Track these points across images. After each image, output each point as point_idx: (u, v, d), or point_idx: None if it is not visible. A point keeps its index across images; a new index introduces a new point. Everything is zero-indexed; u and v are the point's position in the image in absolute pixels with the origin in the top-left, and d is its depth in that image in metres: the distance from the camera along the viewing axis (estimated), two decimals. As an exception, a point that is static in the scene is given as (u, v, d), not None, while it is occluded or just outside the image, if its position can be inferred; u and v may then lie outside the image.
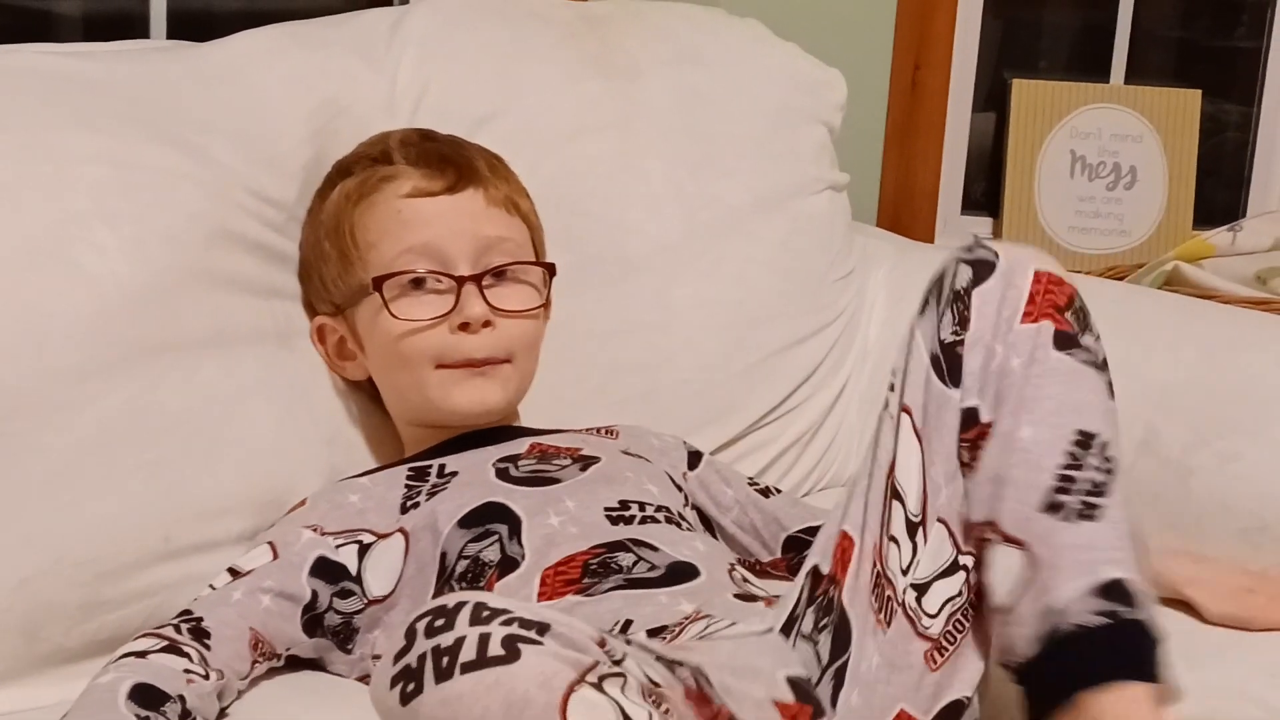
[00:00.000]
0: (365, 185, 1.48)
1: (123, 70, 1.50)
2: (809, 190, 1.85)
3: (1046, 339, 1.12)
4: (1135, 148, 2.75)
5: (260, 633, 1.28)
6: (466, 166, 1.49)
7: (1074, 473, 1.10)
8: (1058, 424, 1.11)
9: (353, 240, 1.46)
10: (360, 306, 1.46)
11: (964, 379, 1.13)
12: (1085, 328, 1.15)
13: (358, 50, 1.64)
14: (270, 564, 1.32)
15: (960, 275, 1.15)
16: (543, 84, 1.73)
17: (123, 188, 1.39)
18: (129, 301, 1.36)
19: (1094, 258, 2.71)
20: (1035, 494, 1.10)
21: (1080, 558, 1.09)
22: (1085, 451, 1.11)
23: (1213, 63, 2.92)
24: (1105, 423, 1.13)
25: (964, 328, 1.13)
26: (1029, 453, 1.11)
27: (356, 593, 1.33)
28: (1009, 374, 1.12)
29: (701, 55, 1.86)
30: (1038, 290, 1.14)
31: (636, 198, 1.73)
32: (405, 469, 1.42)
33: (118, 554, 1.31)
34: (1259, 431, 1.54)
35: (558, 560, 1.28)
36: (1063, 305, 1.14)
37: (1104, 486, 1.11)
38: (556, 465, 1.40)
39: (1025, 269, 1.14)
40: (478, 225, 1.47)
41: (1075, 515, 1.10)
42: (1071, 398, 1.12)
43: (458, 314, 1.43)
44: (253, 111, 1.53)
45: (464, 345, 1.43)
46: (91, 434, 1.32)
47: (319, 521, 1.36)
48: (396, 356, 1.44)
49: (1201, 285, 2.23)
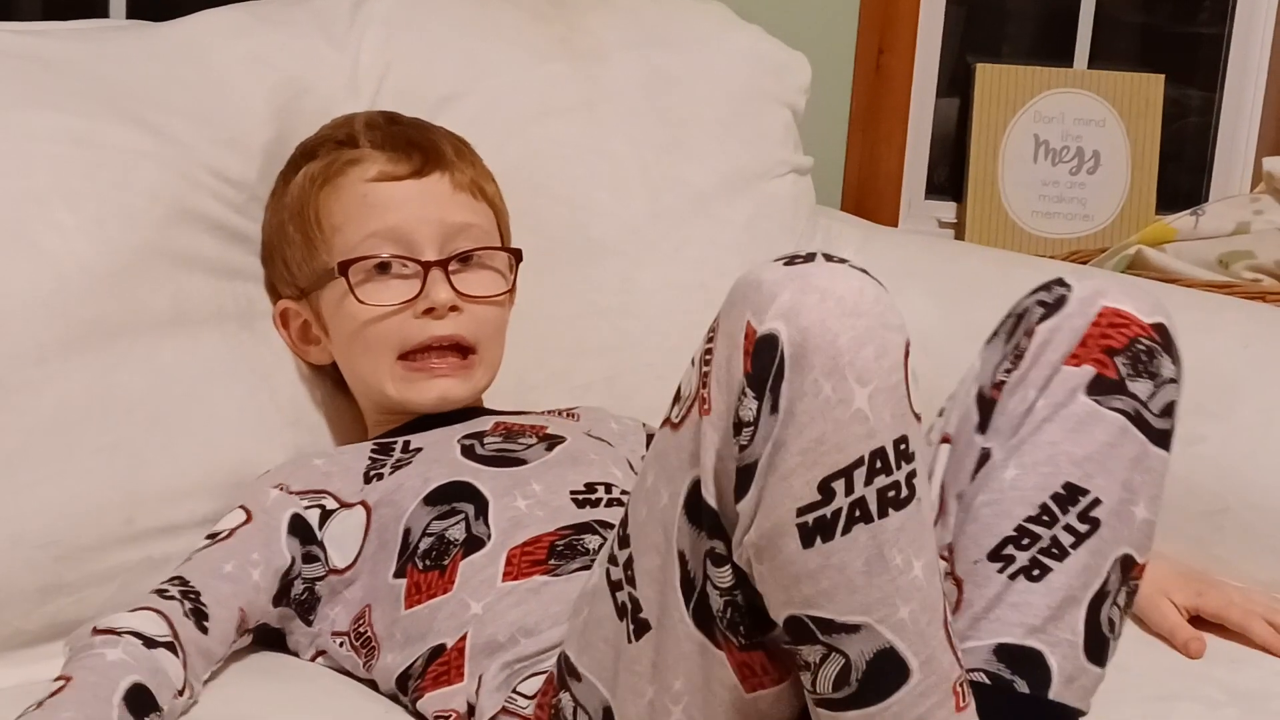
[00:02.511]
0: (330, 168, 1.47)
1: (82, 49, 1.49)
2: (773, 173, 1.85)
3: (1081, 383, 1.08)
4: (1098, 132, 2.76)
5: (247, 612, 1.28)
6: (433, 150, 1.49)
7: (1038, 528, 1.06)
8: (1047, 473, 1.07)
9: (317, 224, 1.45)
10: (325, 291, 1.45)
11: (992, 422, 1.11)
12: (1141, 373, 1.08)
13: (320, 29, 1.63)
14: (247, 526, 1.32)
15: (1032, 311, 1.11)
16: (507, 65, 1.72)
17: (83, 167, 1.38)
18: (89, 281, 1.35)
19: (1057, 242, 2.72)
20: (986, 539, 1.08)
21: (1006, 616, 1.06)
22: (1064, 509, 1.07)
23: (1175, 48, 2.93)
24: (1105, 481, 1.07)
25: (1014, 367, 1.11)
26: (1002, 494, 1.08)
27: (320, 558, 1.33)
28: (1032, 414, 1.09)
29: (666, 38, 1.85)
30: (1095, 330, 1.09)
31: (601, 180, 1.73)
32: (370, 444, 1.42)
33: (77, 537, 1.30)
34: (1222, 415, 1.55)
35: (524, 540, 1.28)
36: (1118, 347, 1.08)
37: (1066, 550, 1.06)
38: (522, 444, 1.39)
39: (1092, 304, 1.10)
40: (444, 210, 1.46)
41: (1022, 574, 1.06)
42: (1076, 449, 1.07)
43: (424, 299, 1.42)
44: (213, 90, 1.52)
45: (429, 329, 1.42)
46: (50, 415, 1.31)
47: (284, 480, 1.36)
48: (360, 342, 1.43)
49: (1164, 269, 2.24)
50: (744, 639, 1.01)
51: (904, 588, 0.96)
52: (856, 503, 0.94)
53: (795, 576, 0.96)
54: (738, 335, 0.96)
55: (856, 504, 0.94)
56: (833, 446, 0.94)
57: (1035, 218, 2.75)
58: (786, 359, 0.94)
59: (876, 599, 0.95)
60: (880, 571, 0.95)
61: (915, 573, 0.96)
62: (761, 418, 0.95)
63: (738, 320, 0.97)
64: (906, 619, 0.96)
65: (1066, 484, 1.07)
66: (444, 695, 1.23)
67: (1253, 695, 1.32)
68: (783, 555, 0.96)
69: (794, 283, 0.95)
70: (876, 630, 0.96)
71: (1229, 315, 1.69)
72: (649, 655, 1.05)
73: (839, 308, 0.94)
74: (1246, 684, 1.33)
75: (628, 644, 1.06)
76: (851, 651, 0.96)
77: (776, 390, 0.94)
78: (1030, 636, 1.06)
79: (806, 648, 0.98)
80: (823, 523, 0.94)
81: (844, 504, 0.94)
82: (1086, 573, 1.07)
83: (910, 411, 0.96)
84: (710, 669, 1.02)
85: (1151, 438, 1.08)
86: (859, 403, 0.94)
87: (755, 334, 0.95)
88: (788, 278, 0.96)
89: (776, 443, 0.94)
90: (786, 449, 0.94)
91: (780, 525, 0.95)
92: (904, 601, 0.96)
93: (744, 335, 0.96)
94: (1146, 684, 1.31)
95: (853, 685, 0.97)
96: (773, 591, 0.98)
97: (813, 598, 0.96)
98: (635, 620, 1.05)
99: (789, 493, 0.94)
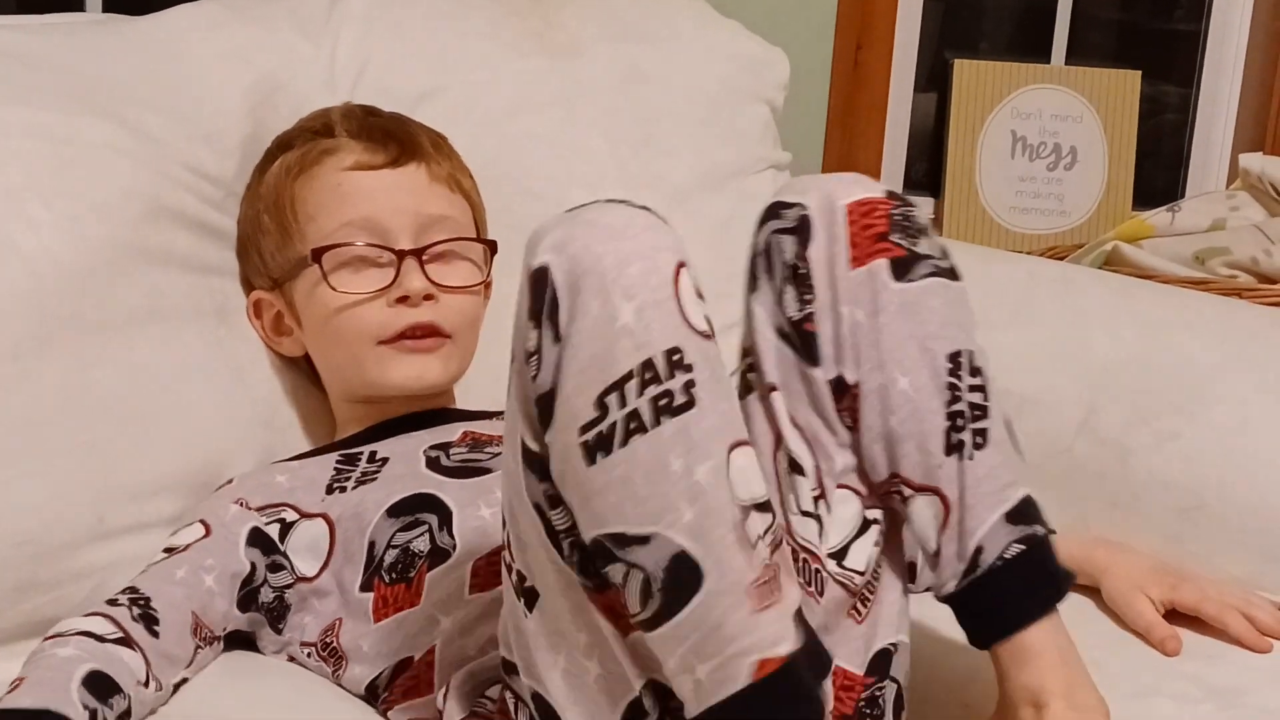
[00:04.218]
0: (306, 158, 1.46)
1: (57, 44, 1.48)
2: (751, 169, 1.85)
3: (883, 276, 1.11)
4: (1075, 128, 2.77)
5: (201, 618, 1.27)
6: (410, 141, 1.48)
7: (958, 406, 1.10)
8: (927, 362, 1.10)
9: (292, 213, 1.45)
10: (298, 280, 1.45)
11: (820, 352, 1.13)
12: (916, 234, 1.13)
13: (296, 25, 1.62)
14: (204, 540, 1.31)
15: (785, 247, 1.14)
16: (484, 61, 1.72)
17: (57, 163, 1.37)
18: (63, 278, 1.34)
19: (1034, 238, 2.73)
20: (933, 441, 1.10)
21: (988, 489, 1.10)
22: (959, 377, 1.11)
23: (1152, 44, 2.94)
24: (963, 332, 1.12)
25: (810, 299, 1.13)
26: (912, 402, 1.10)
27: (286, 566, 1.32)
28: (858, 329, 1.12)
29: (644, 33, 1.85)
30: (855, 227, 1.12)
31: (578, 176, 1.72)
32: (335, 455, 1.41)
33: (50, 535, 1.30)
34: (1197, 411, 1.55)
35: (490, 551, 1.27)
36: (885, 230, 1.12)
37: (984, 405, 1.11)
38: (488, 454, 1.38)
39: (835, 209, 1.13)
40: (420, 201, 1.45)
41: (972, 448, 1.10)
42: (928, 328, 1.11)
43: (397, 287, 1.41)
44: (189, 86, 1.51)
45: (405, 316, 1.42)
46: (24, 413, 1.30)
47: (245, 496, 1.35)
48: (334, 331, 1.43)
49: (1140, 265, 2.24)
50: (596, 579, 1.02)
51: (685, 491, 0.97)
52: (630, 414, 0.96)
53: (587, 496, 0.98)
54: (522, 280, 1.01)
55: (631, 416, 0.96)
56: (605, 362, 0.97)
57: (1012, 213, 2.75)
58: (559, 286, 0.98)
59: (661, 506, 0.97)
60: (660, 480, 0.97)
61: (697, 477, 0.97)
62: (544, 346, 0.98)
63: (523, 269, 1.01)
64: (692, 521, 0.97)
65: (947, 355, 1.11)
66: (414, 707, 1.24)
67: (1228, 691, 1.32)
68: (575, 476, 0.98)
69: (566, 220, 1.00)
70: (666, 537, 0.97)
71: (1204, 312, 1.69)
72: (548, 624, 1.05)
73: (605, 233, 0.98)
74: (1223, 680, 1.34)
75: (526, 619, 1.06)
76: (648, 564, 0.98)
77: (555, 317, 0.98)
78: (1014, 489, 1.11)
79: (612, 568, 0.99)
80: (602, 438, 0.96)
81: (619, 416, 0.96)
82: (997, 406, 1.12)
83: (686, 325, 0.98)
84: (593, 616, 1.03)
85: (953, 277, 1.13)
86: (625, 318, 0.96)
87: (531, 270, 1.00)
88: (560, 218, 1.01)
89: (558, 367, 0.98)
90: (566, 371, 0.97)
91: (568, 447, 0.98)
92: (688, 505, 0.97)
93: (525, 276, 1.00)
94: (1123, 681, 1.31)
95: (655, 598, 0.98)
96: (579, 517, 1.00)
97: (604, 515, 0.98)
98: (525, 593, 1.06)
99: (572, 413, 0.97)
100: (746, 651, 0.98)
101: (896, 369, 1.10)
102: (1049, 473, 1.59)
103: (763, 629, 0.99)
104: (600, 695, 1.05)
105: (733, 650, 0.98)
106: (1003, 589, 1.11)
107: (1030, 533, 1.11)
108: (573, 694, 1.06)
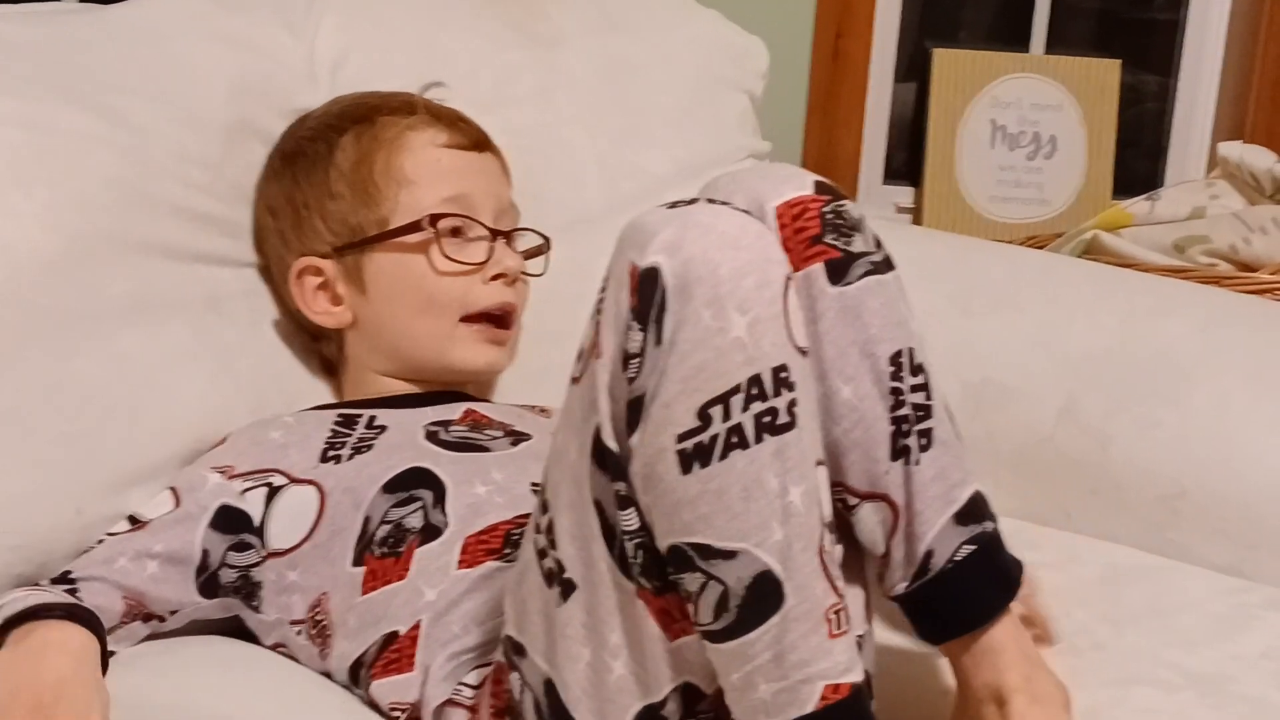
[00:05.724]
0: (394, 129, 1.48)
1: (35, 32, 1.47)
2: (731, 159, 1.85)
3: (820, 282, 1.09)
4: (1055, 117, 2.77)
5: (140, 596, 1.28)
6: (482, 131, 1.54)
7: (903, 410, 1.09)
8: (870, 368, 1.09)
9: (385, 177, 1.46)
10: (374, 248, 1.46)
11: None
12: (850, 231, 1.10)
13: (277, 14, 1.62)
14: (168, 515, 1.31)
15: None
16: (464, 52, 1.72)
17: (36, 152, 1.37)
18: (44, 269, 1.34)
19: (1014, 227, 2.73)
20: (879, 449, 1.09)
21: (936, 492, 1.10)
22: (901, 380, 1.09)
23: (1132, 33, 2.95)
24: (902, 329, 1.10)
25: None
26: (856, 411, 1.09)
27: (255, 545, 1.32)
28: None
29: (624, 23, 1.85)
30: (786, 232, 1.09)
31: (559, 168, 1.72)
32: (334, 413, 1.41)
33: (32, 526, 1.29)
34: (1177, 399, 1.56)
35: (482, 529, 1.27)
36: (818, 231, 1.09)
37: (927, 405, 1.10)
38: (488, 435, 1.39)
39: (767, 216, 1.09)
40: (498, 187, 1.52)
41: (918, 451, 1.09)
42: (869, 331, 1.09)
43: (494, 264, 1.46)
44: (170, 74, 1.50)
45: (496, 295, 1.46)
46: (5, 404, 1.29)
47: (231, 461, 1.35)
48: (424, 298, 1.45)
49: (1120, 254, 2.25)
50: (658, 582, 1.02)
51: (779, 512, 0.97)
52: (734, 429, 0.96)
53: (676, 504, 0.98)
54: (623, 275, 0.99)
55: (734, 430, 0.96)
56: (712, 373, 0.96)
57: (993, 202, 2.76)
58: (669, 290, 0.97)
59: (753, 524, 0.97)
60: (757, 497, 0.97)
61: (791, 498, 0.98)
62: (647, 349, 0.97)
63: (623, 262, 1.00)
64: (781, 542, 0.97)
65: (889, 358, 1.09)
66: (395, 684, 1.23)
67: (1210, 679, 1.33)
68: (664, 483, 0.98)
69: (676, 219, 0.98)
70: (753, 555, 0.97)
71: (1184, 300, 1.70)
72: (579, 616, 1.05)
73: (721, 240, 0.97)
74: (1203, 667, 1.34)
75: (557, 609, 1.06)
76: (729, 578, 0.98)
77: (660, 321, 0.97)
78: (962, 488, 1.10)
79: (688, 576, 0.99)
80: (701, 448, 0.96)
81: (721, 430, 0.96)
82: (939, 399, 1.11)
83: (790, 343, 0.98)
84: (638, 618, 1.04)
85: (888, 268, 1.11)
86: (738, 331, 0.96)
87: (639, 270, 0.98)
88: (670, 217, 0.99)
89: (660, 372, 0.97)
90: (669, 377, 0.97)
91: (661, 452, 0.97)
92: (780, 525, 0.97)
93: (629, 274, 0.99)
94: (1104, 667, 1.32)
95: (731, 612, 0.99)
96: (658, 521, 1.00)
97: (692, 524, 0.98)
98: (561, 582, 1.06)
99: (670, 420, 0.97)
100: (817, 677, 0.99)
101: (838, 377, 1.09)
102: (1030, 461, 1.60)
103: (835, 656, 1.00)
104: (619, 695, 1.05)
105: (803, 675, 0.99)
106: (955, 591, 1.10)
107: (980, 531, 1.10)
108: (590, 689, 1.06)
